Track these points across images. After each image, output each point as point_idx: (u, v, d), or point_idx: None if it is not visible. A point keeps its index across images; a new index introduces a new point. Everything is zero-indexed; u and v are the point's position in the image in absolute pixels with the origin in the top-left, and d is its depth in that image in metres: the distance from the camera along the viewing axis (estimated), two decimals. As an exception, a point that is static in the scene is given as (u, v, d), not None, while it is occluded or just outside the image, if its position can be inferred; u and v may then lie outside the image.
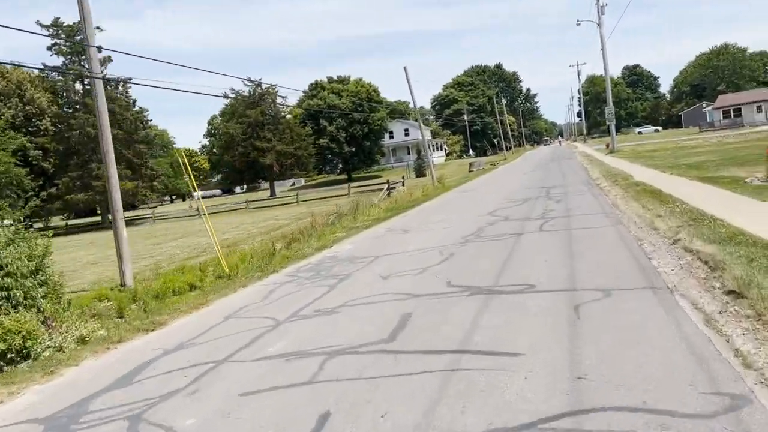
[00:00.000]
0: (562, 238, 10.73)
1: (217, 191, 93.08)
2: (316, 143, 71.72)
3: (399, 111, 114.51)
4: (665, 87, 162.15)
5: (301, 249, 13.62)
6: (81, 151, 39.08)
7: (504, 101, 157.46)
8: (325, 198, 39.69)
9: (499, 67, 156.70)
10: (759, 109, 69.90)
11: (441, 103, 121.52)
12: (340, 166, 77.38)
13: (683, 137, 60.21)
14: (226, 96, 55.85)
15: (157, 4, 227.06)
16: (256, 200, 46.31)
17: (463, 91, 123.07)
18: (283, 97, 59.85)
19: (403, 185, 35.63)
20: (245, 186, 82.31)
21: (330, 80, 77.90)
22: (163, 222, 39.89)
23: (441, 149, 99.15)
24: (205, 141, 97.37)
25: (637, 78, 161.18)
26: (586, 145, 78.90)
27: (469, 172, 44.28)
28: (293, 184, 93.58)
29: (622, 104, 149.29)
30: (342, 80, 77.37)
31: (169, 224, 38.12)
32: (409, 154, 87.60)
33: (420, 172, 57.98)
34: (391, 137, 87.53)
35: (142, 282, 11.30)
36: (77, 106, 39.33)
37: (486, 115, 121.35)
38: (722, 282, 6.28)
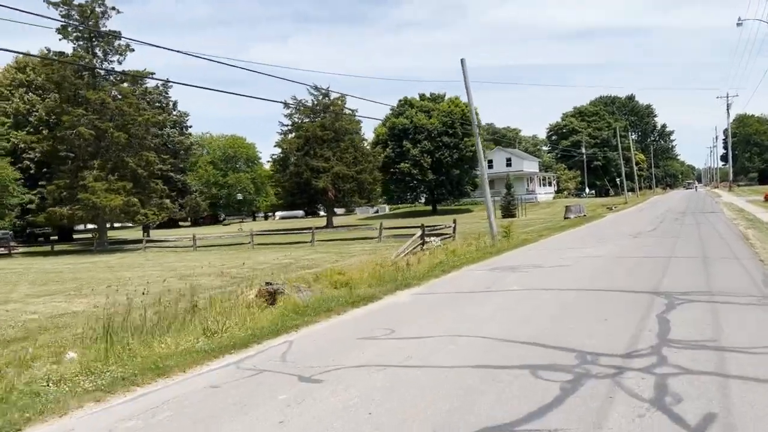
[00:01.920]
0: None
1: (300, 212, 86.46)
2: (395, 168, 62.50)
3: (503, 138, 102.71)
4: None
5: None
6: (74, 154, 32.34)
7: (634, 136, 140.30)
8: (346, 240, 29.61)
9: (630, 98, 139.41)
10: None
11: (558, 133, 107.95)
12: (424, 195, 67.30)
13: None
14: (286, 104, 48.17)
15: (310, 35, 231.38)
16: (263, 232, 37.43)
17: (585, 122, 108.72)
18: (352, 111, 50.98)
19: (454, 232, 25.00)
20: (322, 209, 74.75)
21: (422, 97, 68.51)
22: (154, 251, 31.97)
23: (549, 185, 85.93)
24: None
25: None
26: (732, 195, 62.86)
27: (564, 218, 32.61)
28: (377, 211, 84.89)
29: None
30: (435, 98, 67.67)
31: (147, 256, 30.22)
32: (511, 187, 75.74)
33: (509, 211, 46.52)
34: (491, 167, 76.18)
35: None
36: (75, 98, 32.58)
37: (610, 150, 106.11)
38: None
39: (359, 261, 17.00)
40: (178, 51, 16.94)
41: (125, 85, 34.10)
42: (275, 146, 50.53)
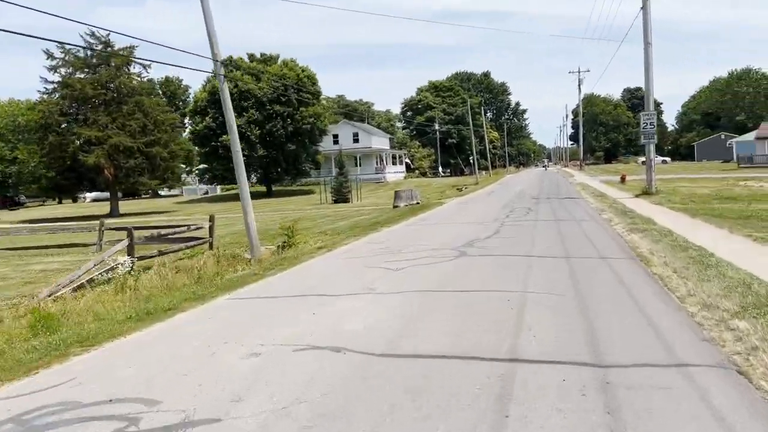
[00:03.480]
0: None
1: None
2: (217, 141, 52.07)
3: (355, 112, 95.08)
4: (668, 115, 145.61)
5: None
6: None
7: (489, 115, 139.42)
8: (34, 252, 18.19)
9: (486, 75, 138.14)
10: (822, 144, 51.59)
11: (413, 109, 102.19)
12: (255, 175, 57.52)
13: (724, 173, 41.66)
14: (49, 55, 35.94)
15: None
16: None
17: (440, 97, 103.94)
18: (144, 66, 39.82)
19: (211, 236, 16.02)
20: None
21: (251, 57, 58.23)
22: None
23: (400, 163, 79.61)
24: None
25: (638, 102, 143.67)
26: (584, 174, 59.94)
27: (393, 207, 24.81)
28: (206, 193, 73.57)
29: (621, 129, 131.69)
30: (266, 59, 57.69)
31: None
32: (357, 165, 68.04)
33: (341, 194, 38.30)
34: (336, 142, 67.99)
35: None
36: None
37: (465, 127, 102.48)
38: None
39: None
40: None
41: None
42: (29, 109, 38.02)
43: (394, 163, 75.92)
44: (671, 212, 17.51)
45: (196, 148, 57.69)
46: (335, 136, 67.93)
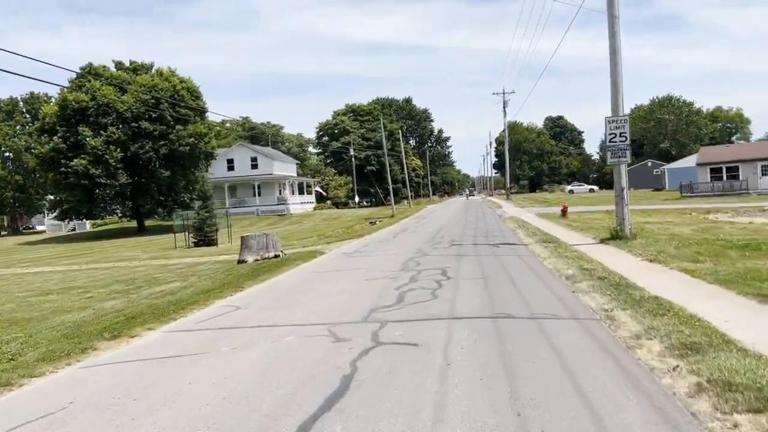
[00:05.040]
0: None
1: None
2: (68, 166, 41.34)
3: (262, 135, 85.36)
4: (592, 143, 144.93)
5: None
6: None
7: (412, 142, 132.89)
8: None
9: (408, 101, 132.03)
10: (765, 171, 46.74)
11: (328, 133, 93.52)
12: (118, 208, 46.75)
13: (672, 204, 34.99)
14: None
15: None
16: None
17: (358, 121, 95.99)
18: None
19: None
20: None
21: (119, 65, 47.87)
22: None
23: (308, 193, 70.44)
24: None
25: (560, 131, 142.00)
26: (512, 204, 52.87)
27: (239, 263, 15.50)
28: (73, 229, 61.53)
29: (545, 157, 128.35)
30: (136, 68, 47.54)
31: None
32: (255, 195, 58.31)
33: (204, 235, 28.57)
34: (231, 168, 58.17)
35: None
36: None
37: (385, 155, 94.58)
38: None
39: None
40: None
41: None
42: None
43: (302, 192, 66.70)
44: (704, 285, 9.37)
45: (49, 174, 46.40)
46: (230, 161, 58.17)
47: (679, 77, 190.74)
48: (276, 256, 16.16)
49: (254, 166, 58.79)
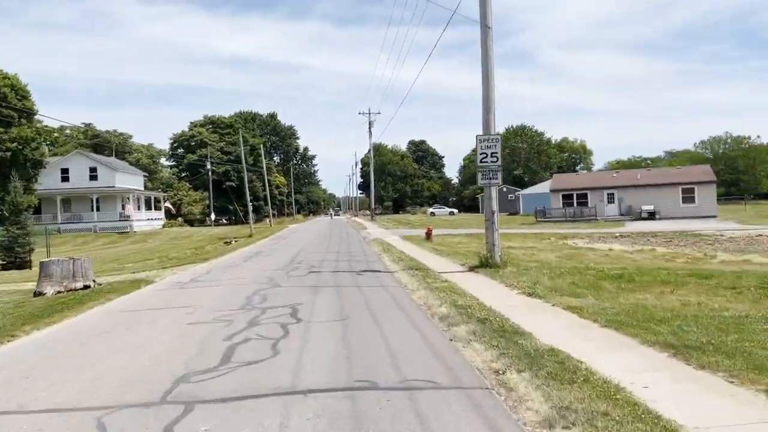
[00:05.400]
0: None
1: None
2: None
3: (107, 144, 77.46)
4: (452, 168, 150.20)
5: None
6: None
7: (276, 159, 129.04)
8: None
9: (273, 117, 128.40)
10: (611, 198, 49.91)
11: (183, 145, 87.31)
12: None
13: (529, 229, 35.56)
14: None
15: None
16: None
17: (218, 134, 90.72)
18: None
19: None
20: None
21: None
22: None
23: (157, 209, 64.60)
24: None
25: (422, 155, 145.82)
26: (377, 226, 51.78)
27: (35, 295, 12.07)
28: None
29: (408, 180, 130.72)
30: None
31: None
32: (94, 210, 51.84)
33: (16, 255, 23.63)
34: (65, 179, 51.31)
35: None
36: None
37: (249, 168, 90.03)
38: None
39: None
40: None
41: None
42: None
43: (150, 208, 60.77)
44: (596, 329, 7.93)
45: None
46: (64, 171, 51.32)
47: (530, 109, 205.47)
48: (86, 287, 12.79)
49: (93, 178, 52.20)
